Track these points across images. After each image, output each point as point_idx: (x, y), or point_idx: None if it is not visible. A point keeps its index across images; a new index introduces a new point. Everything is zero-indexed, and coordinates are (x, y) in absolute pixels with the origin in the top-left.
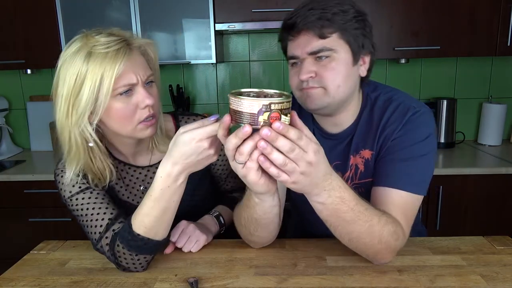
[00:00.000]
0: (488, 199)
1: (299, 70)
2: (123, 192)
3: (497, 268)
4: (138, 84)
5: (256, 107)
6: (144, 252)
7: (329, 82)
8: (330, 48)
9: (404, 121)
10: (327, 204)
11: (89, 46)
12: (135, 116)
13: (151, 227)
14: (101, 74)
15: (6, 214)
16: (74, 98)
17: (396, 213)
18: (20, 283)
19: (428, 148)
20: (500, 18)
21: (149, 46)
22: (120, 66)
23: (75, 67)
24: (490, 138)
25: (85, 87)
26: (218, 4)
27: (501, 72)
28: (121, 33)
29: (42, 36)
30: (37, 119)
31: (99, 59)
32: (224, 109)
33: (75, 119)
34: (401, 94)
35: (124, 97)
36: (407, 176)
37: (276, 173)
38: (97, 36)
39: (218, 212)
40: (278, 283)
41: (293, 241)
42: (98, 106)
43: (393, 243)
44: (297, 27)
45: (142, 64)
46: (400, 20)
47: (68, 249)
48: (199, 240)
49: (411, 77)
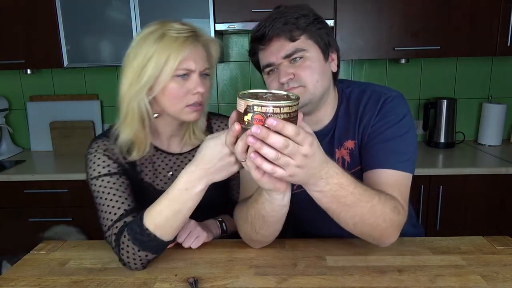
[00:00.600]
0: (488, 199)
1: (277, 75)
2: (150, 175)
3: (497, 268)
4: (195, 72)
5: (243, 107)
6: (147, 249)
7: (307, 80)
8: (302, 48)
9: (378, 107)
10: (325, 191)
11: (164, 29)
12: (185, 98)
13: (161, 226)
14: (168, 55)
15: (6, 214)
16: (140, 71)
17: (391, 191)
18: (20, 283)
19: (405, 128)
20: (500, 18)
21: (213, 43)
22: (185, 52)
23: (147, 44)
24: (490, 138)
25: (151, 63)
26: (218, 4)
27: (501, 72)
28: (192, 26)
29: (42, 36)
30: (37, 119)
31: (170, 41)
32: (224, 109)
33: (135, 90)
34: (372, 85)
35: (181, 80)
36: (391, 156)
37: (270, 169)
38: (173, 23)
39: (221, 218)
40: (278, 283)
41: (293, 241)
42: (158, 82)
43: (396, 218)
44: (267, 36)
45: (203, 56)
46: (400, 20)
47: (68, 249)
48: (200, 237)
49: (411, 77)
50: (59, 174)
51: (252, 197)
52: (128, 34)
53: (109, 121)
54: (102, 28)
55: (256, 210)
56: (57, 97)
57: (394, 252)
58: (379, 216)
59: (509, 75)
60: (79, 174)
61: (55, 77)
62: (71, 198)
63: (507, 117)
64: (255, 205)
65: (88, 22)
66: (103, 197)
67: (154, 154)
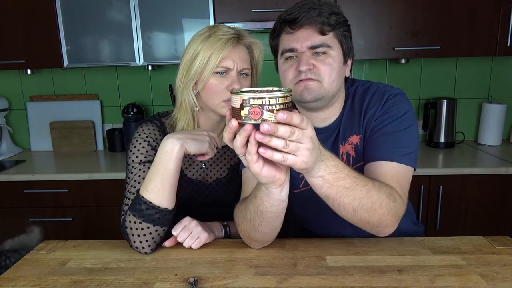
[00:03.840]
0: (488, 199)
1: (297, 62)
2: (184, 162)
3: (497, 268)
4: (233, 70)
5: (238, 102)
6: (146, 220)
7: (325, 76)
8: (328, 44)
9: (382, 103)
10: (325, 175)
11: (212, 31)
12: (222, 94)
13: (151, 190)
14: (210, 53)
15: (6, 214)
16: (188, 67)
17: (389, 181)
18: (20, 283)
19: (407, 122)
20: (500, 18)
21: (255, 45)
22: (225, 52)
23: (197, 42)
24: (490, 138)
25: (198, 59)
26: (218, 4)
27: (501, 72)
28: (238, 30)
29: (42, 36)
30: (37, 119)
31: (214, 41)
32: None
33: (185, 83)
34: (376, 83)
35: (219, 77)
36: (393, 148)
37: (281, 158)
38: (222, 26)
39: (226, 223)
40: (278, 283)
41: (293, 241)
42: (202, 78)
43: (392, 204)
44: (300, 21)
45: (244, 57)
46: (400, 20)
47: (68, 249)
48: (200, 237)
49: (411, 77)
50: (59, 174)
51: (251, 194)
52: (128, 34)
53: (109, 121)
54: (102, 28)
55: (255, 206)
56: (57, 97)
57: (394, 252)
58: (375, 201)
59: (509, 75)
60: (79, 174)
61: (55, 77)
62: (71, 198)
63: (507, 117)
64: (254, 201)
65: (88, 22)
66: (136, 180)
67: None
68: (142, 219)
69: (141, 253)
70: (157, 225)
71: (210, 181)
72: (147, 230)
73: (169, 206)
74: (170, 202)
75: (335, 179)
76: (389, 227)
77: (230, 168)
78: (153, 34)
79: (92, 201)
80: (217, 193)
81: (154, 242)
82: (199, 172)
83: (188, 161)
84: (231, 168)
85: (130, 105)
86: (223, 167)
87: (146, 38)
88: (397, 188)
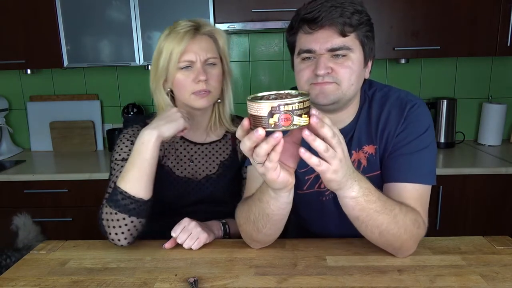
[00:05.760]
0: (488, 199)
1: (314, 64)
2: (172, 161)
3: (497, 268)
4: (196, 62)
5: (265, 110)
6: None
7: (344, 79)
8: (349, 47)
9: (404, 115)
10: (358, 197)
11: (172, 28)
12: (190, 87)
13: (128, 180)
14: (171, 49)
15: (6, 214)
16: (156, 66)
17: (414, 205)
18: (20, 283)
19: (429, 139)
20: (500, 18)
21: (217, 33)
22: (184, 45)
23: (159, 42)
24: (490, 138)
25: (162, 58)
26: (218, 4)
27: (501, 72)
28: (197, 21)
29: (42, 36)
30: (37, 119)
31: (173, 37)
32: None
33: (156, 84)
34: (395, 89)
35: (185, 71)
36: (416, 169)
37: (317, 162)
38: (182, 20)
39: (225, 221)
40: (278, 283)
41: (293, 241)
42: (169, 75)
43: (416, 231)
44: (320, 22)
45: (206, 47)
46: (400, 20)
47: (68, 249)
48: (200, 238)
49: (411, 77)
50: (59, 174)
51: (255, 197)
52: (128, 34)
53: (109, 121)
54: (102, 28)
55: (260, 209)
56: (57, 97)
57: None
58: (401, 226)
59: (509, 75)
60: (79, 174)
61: (55, 77)
62: (71, 198)
63: (507, 117)
64: (259, 204)
65: (88, 22)
66: (112, 179)
67: (177, 142)
68: (118, 209)
69: (117, 245)
70: (133, 215)
71: (199, 178)
72: (122, 221)
73: (144, 197)
74: (146, 192)
75: (367, 202)
76: (409, 251)
77: (220, 164)
78: (153, 34)
79: (92, 201)
80: (208, 189)
81: (130, 234)
82: (187, 169)
83: (176, 159)
84: (220, 164)
85: (130, 105)
86: (213, 163)
87: (146, 38)
88: (421, 211)
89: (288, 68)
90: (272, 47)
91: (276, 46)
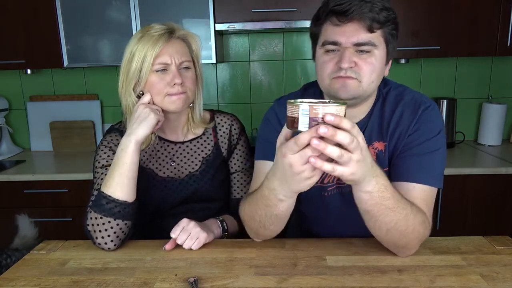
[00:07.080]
0: (488, 199)
1: (338, 57)
2: (153, 162)
3: (497, 268)
4: (172, 65)
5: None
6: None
7: (365, 76)
8: (374, 43)
9: (417, 116)
10: (374, 192)
11: (144, 31)
12: (164, 90)
13: (109, 185)
14: (145, 53)
15: (6, 214)
16: (127, 69)
17: (421, 205)
18: (20, 283)
19: (440, 142)
20: (500, 18)
21: (191, 37)
22: (159, 48)
23: (131, 45)
24: (490, 138)
25: (134, 61)
26: (218, 4)
27: (501, 72)
28: (170, 25)
29: (42, 36)
30: (37, 119)
31: (147, 40)
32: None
33: (125, 87)
34: (410, 90)
35: (160, 74)
36: (426, 170)
37: (331, 169)
38: (155, 24)
39: (222, 218)
40: (278, 283)
41: (293, 241)
42: (141, 78)
43: (422, 232)
44: (350, 15)
45: (180, 50)
46: (400, 20)
47: (68, 249)
48: (200, 238)
49: (411, 77)
50: (59, 174)
51: (259, 201)
52: (128, 34)
53: (109, 121)
54: (102, 28)
55: (267, 212)
56: (57, 97)
57: None
58: (410, 226)
59: (509, 75)
60: (79, 174)
61: (55, 77)
62: (71, 198)
63: (507, 117)
64: (266, 208)
65: (88, 22)
66: (94, 186)
67: (157, 143)
68: (103, 213)
69: (104, 249)
70: (118, 218)
71: (182, 177)
72: (108, 225)
73: (128, 199)
74: (129, 195)
75: (381, 198)
76: (411, 250)
77: (202, 160)
78: None
79: None
80: (191, 187)
81: (117, 237)
82: (170, 169)
83: (157, 160)
84: (203, 160)
85: None
86: (195, 160)
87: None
88: (427, 213)
89: (288, 68)
90: (272, 47)
91: (276, 46)
